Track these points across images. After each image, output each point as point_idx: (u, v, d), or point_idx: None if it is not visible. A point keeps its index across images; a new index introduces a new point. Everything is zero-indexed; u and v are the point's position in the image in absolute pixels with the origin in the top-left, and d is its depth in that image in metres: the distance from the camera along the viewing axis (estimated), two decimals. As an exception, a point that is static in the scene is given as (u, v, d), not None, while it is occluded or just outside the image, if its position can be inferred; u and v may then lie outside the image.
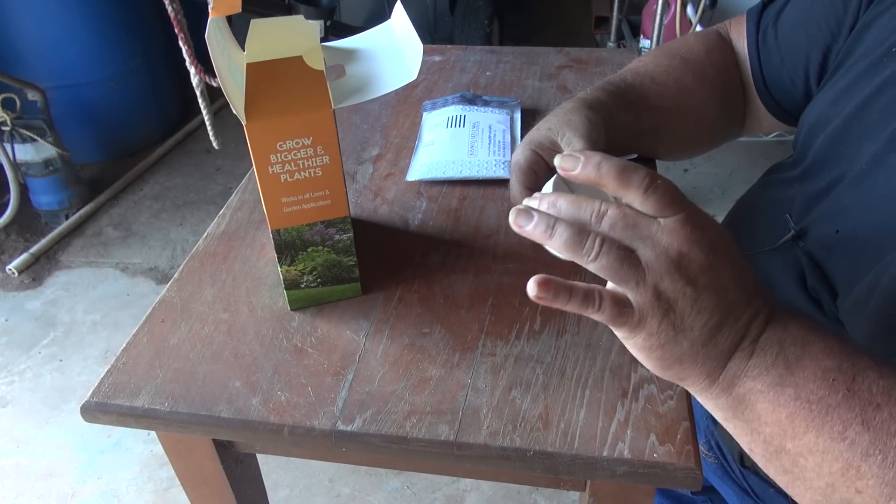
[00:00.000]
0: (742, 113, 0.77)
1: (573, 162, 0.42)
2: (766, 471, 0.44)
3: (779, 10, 0.71)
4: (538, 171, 0.65)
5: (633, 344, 0.43)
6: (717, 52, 0.74)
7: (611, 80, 0.72)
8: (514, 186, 0.64)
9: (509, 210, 0.73)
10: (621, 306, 0.41)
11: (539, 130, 0.66)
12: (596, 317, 0.42)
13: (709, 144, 0.80)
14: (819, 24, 0.65)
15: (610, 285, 0.43)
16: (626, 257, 0.41)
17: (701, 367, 0.42)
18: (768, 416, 0.41)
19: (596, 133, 0.64)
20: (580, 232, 0.41)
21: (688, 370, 0.42)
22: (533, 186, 0.64)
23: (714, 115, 0.75)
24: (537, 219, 0.43)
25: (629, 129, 0.70)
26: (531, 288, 0.41)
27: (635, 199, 0.42)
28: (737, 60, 0.75)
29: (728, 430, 0.44)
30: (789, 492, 0.43)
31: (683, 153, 0.80)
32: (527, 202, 0.45)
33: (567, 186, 0.59)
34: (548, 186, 0.53)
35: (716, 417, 0.45)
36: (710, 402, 0.44)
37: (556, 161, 0.43)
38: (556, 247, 0.42)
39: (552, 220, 0.42)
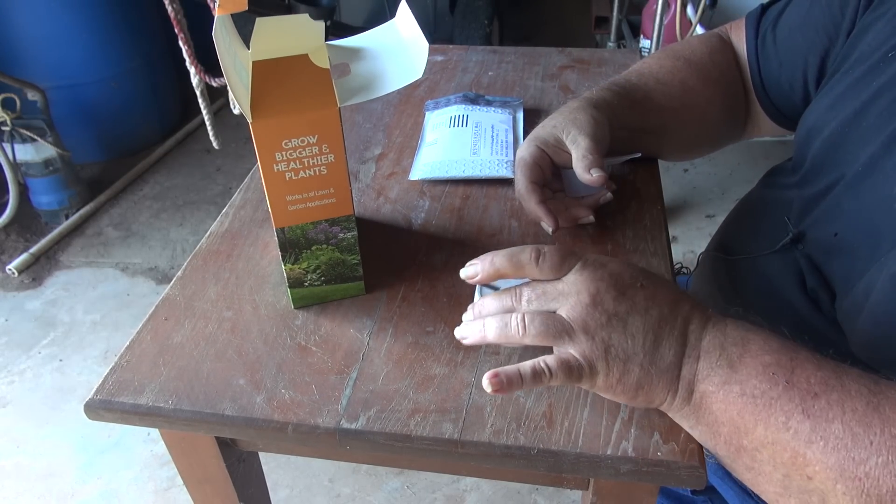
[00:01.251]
0: (744, 115, 0.77)
1: (472, 269, 0.49)
2: (734, 473, 0.46)
3: (777, 15, 0.71)
4: (543, 167, 0.65)
5: (598, 389, 0.47)
6: (719, 54, 0.75)
7: (615, 80, 0.72)
8: (520, 181, 0.64)
9: (512, 209, 0.74)
10: (569, 364, 0.45)
11: (544, 128, 0.66)
12: (554, 383, 0.46)
13: (711, 145, 0.80)
14: (817, 29, 0.65)
15: (555, 351, 0.47)
16: (548, 319, 0.46)
17: (659, 385, 0.45)
18: (722, 415, 0.43)
19: (600, 132, 0.64)
20: (503, 319, 0.47)
21: (651, 392, 0.45)
22: (537, 181, 0.64)
23: (717, 115, 0.75)
24: (470, 330, 0.49)
25: (634, 129, 0.70)
26: (486, 386, 0.45)
27: (532, 272, 0.47)
28: (738, 63, 0.75)
29: (697, 439, 0.47)
30: (756, 490, 0.45)
31: (687, 154, 0.81)
32: (464, 318, 0.52)
33: (575, 180, 0.63)
34: (477, 294, 0.56)
35: (687, 430, 0.47)
36: (678, 416, 0.47)
37: (462, 274, 0.50)
38: (493, 339, 0.48)
39: (481, 324, 0.48)
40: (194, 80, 1.48)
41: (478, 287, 0.55)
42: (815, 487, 0.40)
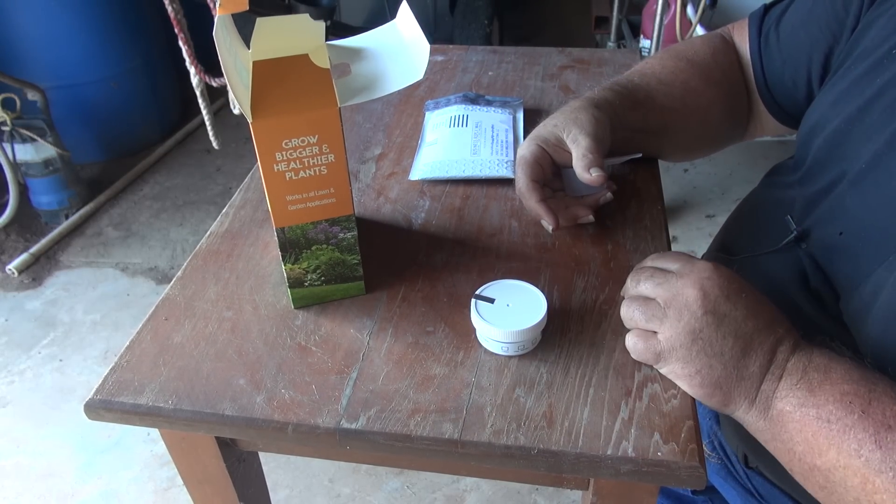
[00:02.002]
0: (746, 116, 0.77)
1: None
2: (808, 489, 0.47)
3: (780, 13, 0.71)
4: (543, 165, 0.65)
5: (677, 376, 0.50)
6: (722, 54, 0.75)
7: (618, 80, 0.72)
8: (521, 179, 0.64)
9: (512, 209, 0.74)
10: (646, 339, 0.51)
11: (545, 126, 0.66)
12: (630, 344, 0.53)
13: (713, 146, 0.80)
14: (820, 26, 0.65)
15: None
16: (644, 304, 0.52)
17: (738, 390, 0.48)
18: (797, 435, 0.46)
19: (602, 131, 0.64)
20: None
21: (729, 394, 0.48)
22: (538, 179, 0.64)
23: (719, 116, 0.75)
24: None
25: (636, 129, 0.70)
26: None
27: (656, 261, 0.54)
28: (741, 63, 0.75)
29: (773, 453, 0.49)
30: (829, 501, 0.46)
31: (688, 154, 0.80)
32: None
33: (575, 179, 0.64)
34: (472, 306, 0.57)
35: (761, 442, 0.49)
36: (753, 428, 0.50)
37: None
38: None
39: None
40: (194, 80, 1.48)
41: (473, 300, 0.56)
42: None
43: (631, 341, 0.52)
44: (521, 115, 0.85)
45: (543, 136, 0.65)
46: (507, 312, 0.55)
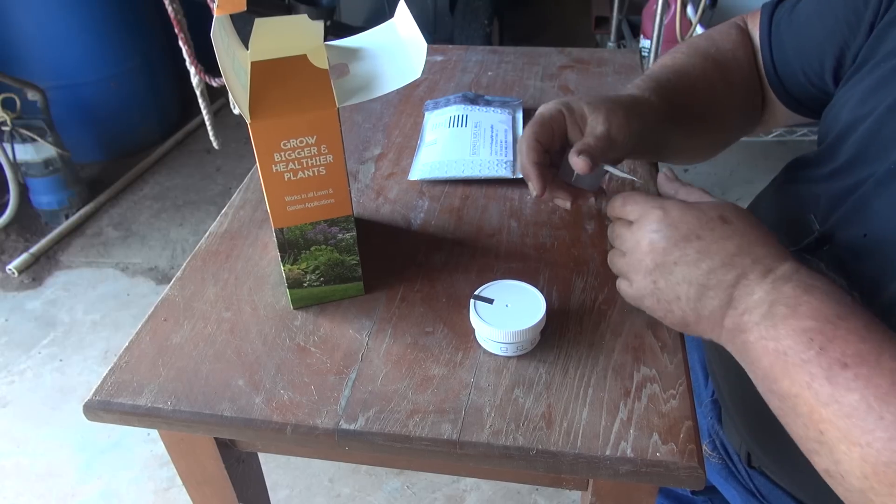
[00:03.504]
0: (760, 107, 0.75)
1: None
2: (767, 404, 0.50)
3: (794, 3, 0.70)
4: (555, 130, 0.61)
5: (648, 311, 0.55)
6: (741, 49, 0.73)
7: (659, 80, 0.69)
8: (527, 133, 0.61)
9: (511, 209, 0.73)
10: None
11: (579, 99, 0.63)
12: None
13: (722, 148, 0.78)
14: (837, 18, 0.64)
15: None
16: (616, 258, 0.56)
17: (701, 326, 0.52)
18: (757, 362, 0.49)
19: (623, 136, 0.61)
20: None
21: (696, 329, 0.52)
22: (543, 140, 0.60)
23: (735, 120, 0.74)
24: None
25: (664, 136, 0.68)
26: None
27: (613, 211, 0.56)
28: (755, 53, 0.74)
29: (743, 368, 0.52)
30: (785, 427, 0.49)
31: (694, 157, 0.78)
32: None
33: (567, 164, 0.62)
34: (472, 307, 0.57)
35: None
36: (728, 349, 0.52)
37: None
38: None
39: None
40: (194, 80, 1.48)
41: (472, 301, 0.56)
42: (826, 440, 0.44)
43: (620, 286, 0.57)
44: (520, 116, 0.85)
45: (571, 104, 0.62)
46: (506, 313, 0.55)
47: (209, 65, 1.42)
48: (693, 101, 0.70)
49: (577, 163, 0.58)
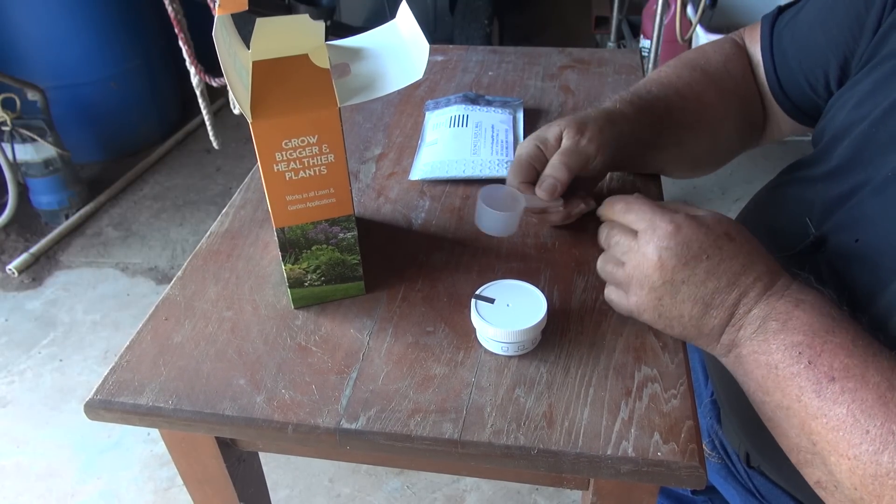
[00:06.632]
0: (762, 120, 0.75)
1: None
2: (760, 415, 0.51)
3: (795, 13, 0.69)
4: (537, 167, 0.64)
5: (645, 322, 0.55)
6: (734, 62, 0.73)
7: (638, 91, 0.71)
8: (510, 179, 0.64)
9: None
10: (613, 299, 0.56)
11: (549, 127, 0.65)
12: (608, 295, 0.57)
13: (722, 160, 0.78)
14: (840, 26, 0.63)
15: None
16: (615, 269, 0.55)
17: (700, 342, 0.53)
18: (749, 375, 0.50)
19: (593, 149, 0.63)
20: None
21: (695, 341, 0.53)
22: (529, 180, 0.64)
23: (730, 129, 0.73)
24: None
25: (647, 145, 0.69)
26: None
27: (614, 215, 0.56)
28: (753, 68, 0.74)
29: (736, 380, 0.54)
30: (777, 439, 0.51)
31: (695, 170, 0.78)
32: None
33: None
34: (473, 305, 0.57)
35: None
36: (723, 362, 0.54)
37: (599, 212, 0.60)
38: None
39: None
40: (194, 80, 1.48)
41: (473, 300, 0.56)
42: (817, 451, 0.46)
43: (610, 296, 0.57)
44: (521, 116, 0.85)
45: (543, 136, 0.65)
46: (507, 312, 0.55)
47: (209, 65, 1.42)
48: (679, 110, 0.70)
49: (544, 194, 0.62)
